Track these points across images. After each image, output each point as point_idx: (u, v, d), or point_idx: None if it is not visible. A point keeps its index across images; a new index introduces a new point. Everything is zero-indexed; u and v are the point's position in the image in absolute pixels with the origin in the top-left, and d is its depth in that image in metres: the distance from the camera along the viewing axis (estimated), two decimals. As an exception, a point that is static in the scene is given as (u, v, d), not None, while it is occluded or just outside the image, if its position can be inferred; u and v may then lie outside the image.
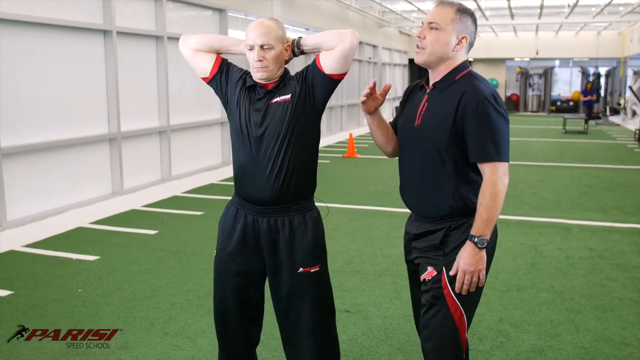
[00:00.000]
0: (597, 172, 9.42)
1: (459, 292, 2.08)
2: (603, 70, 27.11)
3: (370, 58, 18.46)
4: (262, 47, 2.22)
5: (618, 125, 19.12)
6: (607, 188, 7.95)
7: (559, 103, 27.15)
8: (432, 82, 2.23)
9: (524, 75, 27.34)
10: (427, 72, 2.28)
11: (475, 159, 2.09)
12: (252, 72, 2.31)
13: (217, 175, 8.80)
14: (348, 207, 6.69)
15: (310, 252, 2.32)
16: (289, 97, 2.28)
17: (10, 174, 5.85)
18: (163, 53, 8.10)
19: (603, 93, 26.20)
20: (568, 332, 3.41)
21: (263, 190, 2.28)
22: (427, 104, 2.21)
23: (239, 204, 2.38)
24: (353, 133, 12.32)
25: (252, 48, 2.24)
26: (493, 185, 2.05)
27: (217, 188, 7.85)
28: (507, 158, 2.09)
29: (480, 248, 2.04)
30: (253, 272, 2.40)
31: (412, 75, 25.36)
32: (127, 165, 7.49)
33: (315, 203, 2.44)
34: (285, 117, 2.26)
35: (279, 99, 2.28)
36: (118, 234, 5.53)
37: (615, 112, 23.17)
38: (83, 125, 6.84)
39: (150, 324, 3.52)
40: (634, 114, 19.21)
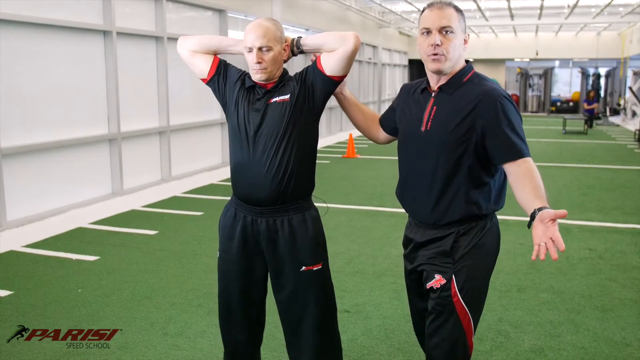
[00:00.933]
0: (597, 172, 9.42)
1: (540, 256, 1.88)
2: (603, 71, 27.12)
3: (370, 58, 18.46)
4: (260, 49, 2.22)
5: (618, 126, 19.13)
6: (607, 188, 7.95)
7: (559, 104, 27.16)
8: (437, 85, 2.14)
9: (524, 76, 27.35)
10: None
11: (507, 159, 2.03)
12: (251, 73, 2.32)
13: (217, 176, 8.82)
14: (348, 207, 6.69)
15: (312, 250, 2.33)
16: (288, 97, 2.28)
17: (10, 175, 5.85)
18: (163, 53, 8.11)
19: (603, 94, 26.20)
20: (568, 332, 3.41)
21: (261, 190, 2.27)
22: (435, 108, 2.12)
23: (237, 205, 2.38)
24: (353, 133, 12.32)
25: (250, 50, 2.24)
26: (534, 169, 2.02)
27: (217, 188, 7.85)
28: (529, 154, 2.09)
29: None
30: (256, 272, 2.40)
31: (411, 76, 25.38)
32: (127, 166, 7.50)
33: (314, 202, 2.45)
34: (284, 117, 2.26)
35: (278, 99, 2.28)
36: (118, 234, 5.53)
37: (615, 112, 23.19)
38: (83, 126, 6.84)
39: (150, 324, 3.52)
40: (634, 115, 19.23)
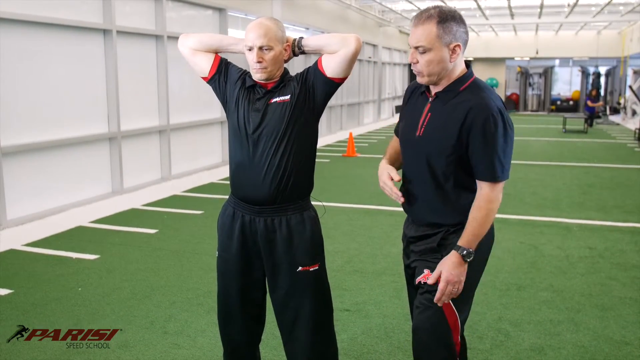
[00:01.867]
0: (597, 171, 9.42)
1: (437, 302, 2.04)
2: (603, 70, 27.11)
3: (370, 57, 18.45)
4: (261, 48, 2.22)
5: (618, 125, 19.13)
6: (607, 187, 7.95)
7: (559, 102, 27.17)
8: (434, 91, 2.14)
9: (524, 75, 27.35)
10: None
11: (477, 177, 2.06)
12: (251, 72, 2.31)
13: (217, 175, 8.82)
14: (348, 206, 6.69)
15: (309, 250, 2.33)
16: (288, 97, 2.28)
17: (10, 173, 5.85)
18: (163, 52, 8.10)
19: (603, 92, 26.20)
20: (568, 331, 3.41)
21: (260, 190, 2.28)
22: (429, 115, 2.13)
23: (236, 204, 2.38)
24: (353, 132, 12.32)
25: (251, 49, 2.24)
26: (490, 202, 2.03)
27: (217, 187, 7.85)
28: (508, 175, 2.07)
29: (466, 261, 2.02)
30: (255, 273, 2.40)
31: (411, 75, 25.32)
32: (127, 165, 7.50)
33: (312, 202, 2.45)
34: (284, 117, 2.26)
35: (278, 100, 2.28)
36: (118, 233, 5.53)
37: (615, 111, 23.18)
38: (83, 125, 6.84)
39: (150, 323, 3.52)
40: (634, 113, 19.22)
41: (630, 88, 18.27)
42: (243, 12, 10.44)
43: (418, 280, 2.15)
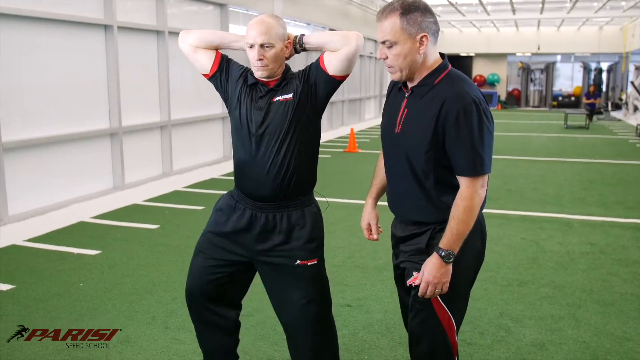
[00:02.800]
0: (598, 167, 9.41)
1: (422, 296, 2.02)
2: (605, 66, 27.05)
3: (372, 53, 18.42)
4: (262, 45, 2.21)
5: (619, 121, 19.10)
6: (608, 183, 7.95)
7: (561, 98, 27.12)
8: (410, 85, 2.09)
9: (526, 71, 27.29)
10: None
11: (457, 172, 2.00)
12: (252, 69, 2.31)
13: (218, 170, 8.81)
14: (349, 201, 6.69)
15: (308, 245, 2.32)
16: (291, 96, 2.27)
17: (12, 169, 5.86)
18: (164, 48, 8.10)
19: (605, 88, 26.14)
20: (569, 326, 3.41)
21: (262, 188, 2.28)
22: (406, 110, 2.08)
23: (239, 197, 2.39)
24: (354, 128, 12.32)
25: (252, 46, 2.23)
26: (468, 199, 1.96)
27: (218, 183, 7.84)
28: (488, 169, 1.98)
29: (447, 262, 1.98)
30: (237, 262, 2.40)
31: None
32: (128, 160, 7.50)
33: (315, 197, 2.44)
34: (287, 116, 2.25)
35: (281, 98, 2.27)
36: (119, 229, 5.53)
37: (617, 107, 23.15)
38: (84, 120, 6.84)
39: (152, 318, 3.52)
40: (636, 109, 19.20)
41: (632, 84, 18.26)
42: (244, 7, 10.42)
43: (409, 283, 2.12)
